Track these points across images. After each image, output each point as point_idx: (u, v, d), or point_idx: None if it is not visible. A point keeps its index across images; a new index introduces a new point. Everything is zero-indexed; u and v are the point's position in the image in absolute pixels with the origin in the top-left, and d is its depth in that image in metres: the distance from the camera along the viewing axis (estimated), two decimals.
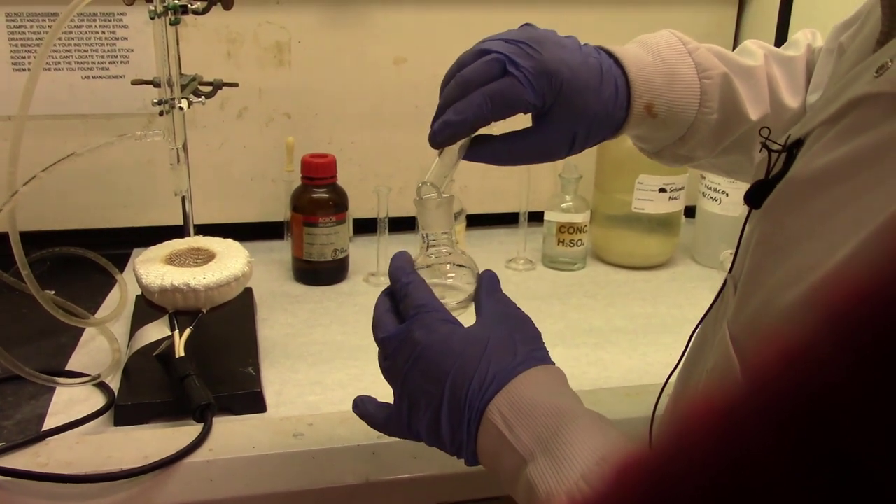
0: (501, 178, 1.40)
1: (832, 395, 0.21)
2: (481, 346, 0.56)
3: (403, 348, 0.58)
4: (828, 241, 0.42)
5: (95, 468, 0.75)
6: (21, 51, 1.19)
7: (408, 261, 0.64)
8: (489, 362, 0.55)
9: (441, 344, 0.56)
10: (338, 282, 1.23)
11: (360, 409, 0.64)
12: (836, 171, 0.44)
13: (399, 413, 0.59)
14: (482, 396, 0.54)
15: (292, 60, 1.29)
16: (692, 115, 0.68)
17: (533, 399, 0.53)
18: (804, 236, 0.45)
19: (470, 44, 1.36)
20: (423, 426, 0.58)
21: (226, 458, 0.79)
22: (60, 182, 1.23)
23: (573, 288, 1.25)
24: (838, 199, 0.43)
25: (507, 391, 0.54)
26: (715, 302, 0.58)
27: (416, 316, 0.58)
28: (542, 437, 0.51)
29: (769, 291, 0.46)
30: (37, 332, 1.02)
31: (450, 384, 0.55)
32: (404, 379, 0.58)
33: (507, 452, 0.53)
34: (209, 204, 1.29)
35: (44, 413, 0.86)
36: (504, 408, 0.53)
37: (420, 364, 0.57)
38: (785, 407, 0.22)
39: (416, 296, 0.59)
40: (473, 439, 0.55)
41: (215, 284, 0.89)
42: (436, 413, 0.56)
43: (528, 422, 0.52)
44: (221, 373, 0.91)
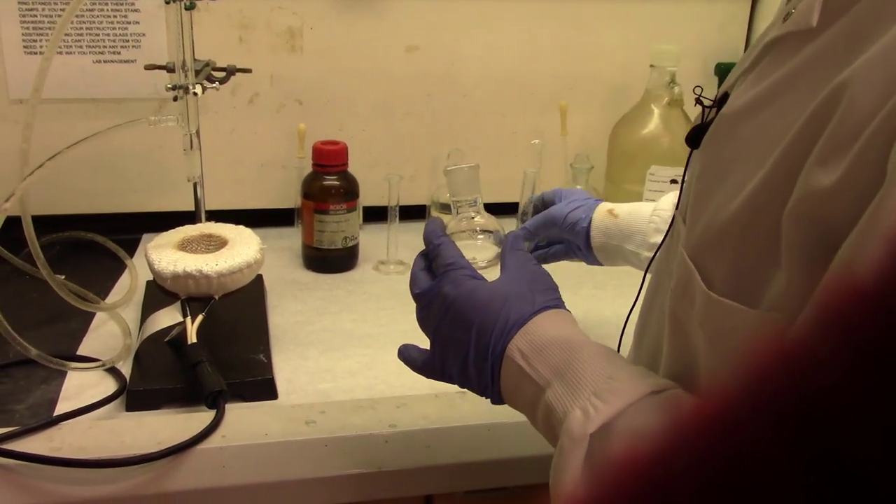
0: (512, 169, 1.40)
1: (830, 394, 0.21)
2: (502, 297, 0.63)
3: (435, 302, 0.65)
4: (756, 159, 0.49)
5: (109, 453, 0.75)
6: (33, 34, 1.19)
7: (440, 225, 0.71)
8: (509, 311, 0.62)
9: (467, 297, 0.63)
10: (348, 269, 1.22)
11: (403, 354, 0.71)
12: (758, 103, 0.52)
13: (433, 358, 0.67)
14: (503, 340, 0.61)
15: (304, 47, 1.29)
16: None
17: (547, 336, 0.60)
18: (737, 159, 0.52)
19: (481, 33, 1.36)
20: (454, 370, 0.65)
21: (238, 445, 0.78)
22: (70, 167, 1.23)
23: (583, 279, 1.24)
24: (762, 124, 0.51)
25: (523, 331, 0.61)
26: (665, 238, 0.67)
27: (445, 273, 0.66)
28: (556, 366, 0.58)
29: (714, 210, 0.53)
30: (47, 316, 1.02)
31: (475, 332, 0.62)
32: (436, 329, 0.65)
33: (526, 384, 0.59)
34: (219, 190, 1.29)
35: (55, 397, 0.86)
36: (522, 345, 0.60)
37: (449, 315, 0.64)
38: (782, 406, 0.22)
39: (446, 255, 0.67)
40: (497, 379, 0.62)
41: (228, 271, 0.89)
42: (464, 359, 0.63)
43: (544, 355, 0.59)
44: (233, 359, 0.91)
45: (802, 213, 0.44)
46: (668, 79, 1.26)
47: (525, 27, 1.35)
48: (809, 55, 0.49)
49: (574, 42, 1.38)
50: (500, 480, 0.84)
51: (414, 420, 0.83)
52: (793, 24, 0.51)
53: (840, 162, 0.42)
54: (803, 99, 0.47)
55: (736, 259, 0.50)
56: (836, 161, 0.42)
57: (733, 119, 0.55)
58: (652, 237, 0.91)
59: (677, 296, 0.58)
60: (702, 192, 0.57)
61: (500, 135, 1.41)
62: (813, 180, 0.43)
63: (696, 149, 0.61)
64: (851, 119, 0.42)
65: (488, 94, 1.38)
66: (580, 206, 0.96)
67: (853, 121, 0.42)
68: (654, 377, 0.57)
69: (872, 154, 0.40)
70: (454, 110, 1.38)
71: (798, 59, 0.49)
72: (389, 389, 0.90)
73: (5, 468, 0.73)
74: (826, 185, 0.42)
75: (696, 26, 1.41)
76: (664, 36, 1.33)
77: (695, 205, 0.57)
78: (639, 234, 0.92)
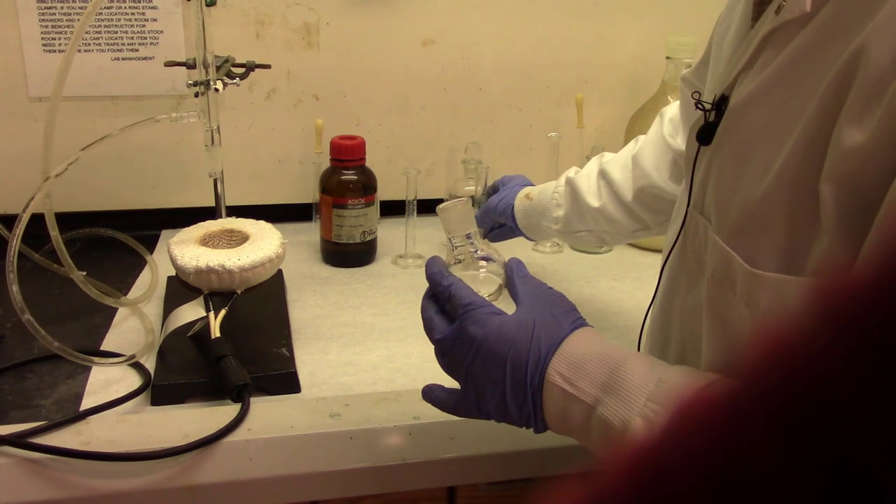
0: (529, 162, 1.40)
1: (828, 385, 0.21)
2: (529, 327, 0.62)
3: (461, 344, 0.64)
4: (777, 138, 0.53)
5: (137, 447, 0.76)
6: (52, 32, 1.19)
7: (442, 265, 0.70)
8: (539, 339, 0.62)
9: (495, 335, 0.62)
10: (366, 264, 1.23)
11: (429, 396, 0.69)
12: (766, 88, 0.55)
13: (467, 399, 0.65)
14: (540, 368, 0.61)
15: (321, 42, 1.29)
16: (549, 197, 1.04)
17: (585, 354, 0.60)
18: (756, 143, 0.55)
19: (497, 26, 1.36)
20: (491, 407, 0.64)
21: (264, 438, 0.79)
22: (90, 164, 1.24)
23: (601, 271, 1.25)
24: (775, 106, 0.54)
25: (559, 355, 0.61)
26: (679, 234, 0.68)
27: (465, 314, 0.64)
28: (601, 381, 0.58)
29: (743, 194, 0.56)
30: (70, 312, 1.03)
31: (510, 367, 0.61)
32: (467, 371, 0.64)
33: (573, 405, 0.59)
34: (238, 186, 1.30)
35: (81, 392, 0.87)
36: (561, 368, 0.60)
37: (480, 356, 0.63)
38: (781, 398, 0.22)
39: (460, 295, 0.65)
40: (540, 408, 0.62)
41: (250, 266, 0.90)
42: (501, 395, 0.62)
43: (585, 373, 0.59)
44: (255, 353, 0.91)
45: (839, 175, 0.47)
46: (685, 70, 1.26)
47: (541, 20, 1.35)
48: (811, 35, 0.52)
49: (590, 34, 1.38)
50: (524, 471, 0.84)
51: (437, 412, 0.82)
52: (788, 13, 0.54)
53: (871, 119, 0.45)
54: (815, 74, 0.50)
55: (777, 233, 0.53)
56: (867, 119, 0.45)
57: (743, 109, 0.58)
58: (554, 212, 1.05)
59: (716, 283, 0.59)
60: (726, 181, 0.59)
61: (516, 128, 1.41)
62: (846, 141, 0.46)
63: (707, 145, 0.63)
64: (874, 78, 0.45)
65: (504, 88, 1.38)
66: (506, 195, 1.10)
67: (876, 79, 0.45)
68: (699, 373, 0.58)
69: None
70: (470, 104, 1.38)
71: (798, 41, 0.53)
72: (411, 382, 0.91)
73: (36, 462, 0.74)
74: (860, 141, 0.46)
75: (712, 18, 1.41)
76: (680, 27, 1.33)
77: (722, 196, 0.60)
78: (547, 211, 1.05)
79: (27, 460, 0.74)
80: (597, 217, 1.01)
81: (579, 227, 1.04)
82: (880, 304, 0.21)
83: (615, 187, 1.00)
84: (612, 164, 1.02)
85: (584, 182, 1.02)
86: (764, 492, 0.21)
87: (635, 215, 1.00)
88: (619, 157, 1.03)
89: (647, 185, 0.97)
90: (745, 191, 0.56)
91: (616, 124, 1.38)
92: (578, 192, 1.02)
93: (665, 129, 0.98)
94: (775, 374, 0.22)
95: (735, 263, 0.56)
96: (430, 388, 0.70)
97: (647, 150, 0.99)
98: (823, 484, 0.20)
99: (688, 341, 0.68)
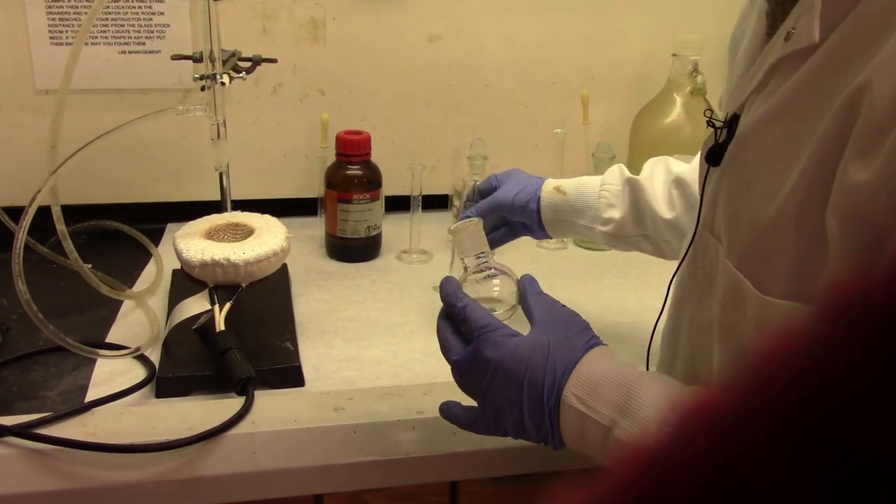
0: (534, 159, 1.40)
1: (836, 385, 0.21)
2: (544, 349, 0.64)
3: (477, 366, 0.65)
4: (784, 165, 0.54)
5: (142, 438, 0.76)
6: (59, 25, 1.20)
7: (456, 285, 0.71)
8: (555, 360, 0.63)
9: (511, 357, 0.64)
10: (371, 259, 1.23)
11: (447, 413, 0.72)
12: (774, 114, 0.57)
13: (485, 417, 0.67)
14: (556, 389, 0.62)
15: (327, 37, 1.29)
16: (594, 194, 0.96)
17: (600, 375, 0.61)
18: (763, 169, 0.57)
19: (503, 22, 1.36)
20: (509, 426, 0.65)
21: (268, 431, 0.79)
22: (95, 157, 1.23)
23: (606, 268, 1.24)
24: (782, 133, 0.55)
25: (575, 375, 0.62)
26: (687, 252, 0.69)
27: (481, 337, 0.65)
28: (616, 403, 0.59)
29: (751, 215, 0.57)
30: (75, 305, 1.03)
31: (526, 388, 0.63)
32: (485, 392, 0.65)
33: (590, 426, 0.61)
34: (243, 180, 1.30)
35: (86, 384, 0.87)
36: (577, 389, 0.61)
37: (497, 377, 0.64)
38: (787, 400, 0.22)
39: (475, 317, 0.67)
40: (557, 427, 0.63)
41: (255, 259, 0.90)
42: (519, 415, 0.64)
43: (601, 395, 0.60)
44: (260, 347, 0.92)
45: (844, 210, 0.48)
46: (691, 68, 1.26)
47: (547, 16, 1.35)
48: (817, 64, 0.53)
49: (596, 31, 1.38)
50: (526, 467, 0.84)
51: None
52: (796, 42, 0.55)
53: (875, 158, 0.45)
54: (820, 105, 0.51)
55: (785, 260, 0.53)
56: (872, 157, 0.46)
57: (751, 133, 0.60)
58: (605, 212, 0.95)
59: (727, 306, 0.60)
60: (734, 205, 0.60)
61: (521, 124, 1.41)
62: (851, 178, 0.47)
63: (716, 166, 0.64)
64: (878, 117, 0.46)
65: (510, 84, 1.38)
66: (524, 188, 0.98)
67: (880, 118, 0.45)
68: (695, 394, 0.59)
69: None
70: (476, 100, 1.38)
71: (805, 69, 0.54)
72: (415, 377, 0.91)
73: (41, 453, 0.75)
74: (864, 180, 0.46)
75: (719, 15, 1.40)
76: (686, 25, 1.32)
77: (730, 218, 0.61)
78: (590, 210, 0.95)
79: (32, 451, 0.75)
80: (662, 226, 0.93)
81: (634, 233, 0.95)
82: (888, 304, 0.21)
83: (694, 202, 0.90)
84: (692, 177, 0.92)
85: (650, 186, 0.94)
86: (769, 494, 0.21)
87: None
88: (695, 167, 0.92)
89: None
90: (751, 216, 0.57)
91: (622, 121, 1.37)
92: (644, 197, 0.93)
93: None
94: (781, 377, 0.22)
95: (745, 288, 0.57)
96: (447, 405, 0.72)
97: None
98: (829, 482, 0.20)
99: (697, 353, 0.68)
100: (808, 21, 0.53)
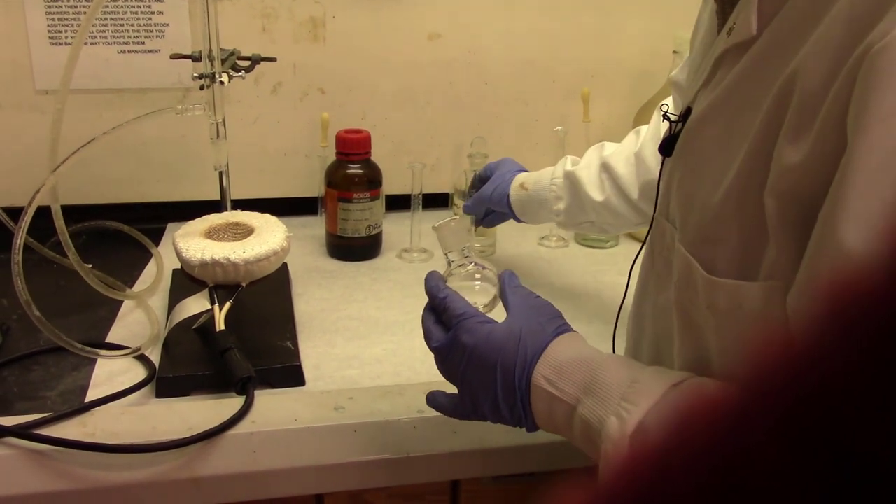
0: (534, 156, 1.39)
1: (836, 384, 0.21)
2: (516, 334, 0.66)
3: (455, 352, 0.68)
4: (728, 153, 0.57)
5: (142, 439, 0.76)
6: (58, 25, 1.19)
7: (439, 278, 0.75)
8: (526, 345, 0.65)
9: (485, 342, 0.66)
10: (372, 258, 1.23)
11: (432, 402, 0.74)
12: (718, 105, 0.61)
13: (464, 403, 0.69)
14: (527, 372, 0.65)
15: (327, 36, 1.29)
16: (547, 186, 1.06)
17: (567, 358, 0.64)
18: (710, 157, 0.61)
19: (504, 20, 1.36)
20: (486, 409, 0.68)
21: (268, 431, 0.79)
22: (95, 156, 1.24)
23: (607, 266, 1.24)
24: (725, 123, 0.59)
25: (543, 359, 0.65)
26: (646, 238, 0.74)
27: (458, 324, 0.68)
28: (582, 383, 0.62)
29: (700, 205, 0.61)
30: (75, 304, 1.03)
31: (500, 371, 0.65)
32: (462, 376, 0.68)
33: (558, 406, 0.63)
34: (243, 179, 1.30)
35: (86, 384, 0.87)
36: (546, 371, 0.64)
37: (473, 362, 0.67)
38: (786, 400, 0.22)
39: (454, 307, 0.70)
40: (529, 408, 0.65)
41: (255, 259, 0.90)
42: (494, 398, 0.66)
43: (568, 376, 0.63)
44: (260, 346, 0.92)
45: (780, 190, 0.52)
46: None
47: (547, 14, 1.35)
48: (756, 55, 0.57)
49: (597, 29, 1.38)
50: (527, 466, 0.84)
51: None
52: (737, 36, 0.59)
53: (806, 138, 0.50)
54: (759, 93, 0.55)
55: (731, 242, 0.58)
56: (803, 138, 0.50)
57: (699, 125, 0.64)
58: (555, 205, 1.06)
59: (681, 288, 0.64)
60: (685, 192, 0.64)
61: (522, 122, 1.41)
62: (785, 159, 0.51)
63: (668, 157, 0.68)
64: (806, 100, 0.50)
65: (511, 82, 1.38)
66: (498, 185, 1.11)
67: (809, 102, 0.50)
68: (671, 372, 0.62)
69: (831, 126, 0.48)
70: (476, 98, 1.38)
71: (745, 60, 0.58)
72: (416, 376, 0.91)
73: (40, 453, 0.75)
74: (797, 160, 0.50)
75: None
76: (687, 22, 1.32)
77: (682, 204, 0.65)
78: (546, 202, 1.07)
79: (32, 451, 0.75)
80: (600, 210, 1.02)
81: (581, 219, 1.06)
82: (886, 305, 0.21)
83: (620, 182, 1.01)
84: (616, 158, 1.02)
85: (585, 174, 1.03)
86: (768, 494, 0.21)
87: (640, 210, 1.00)
88: (622, 150, 1.03)
89: (651, 180, 0.97)
90: (701, 202, 0.61)
91: (623, 119, 1.37)
92: (579, 184, 1.03)
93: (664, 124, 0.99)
94: (780, 378, 0.22)
95: (695, 270, 0.61)
96: (432, 394, 0.74)
97: (649, 146, 0.99)
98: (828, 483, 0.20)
99: (661, 338, 0.71)
100: (747, 15, 0.57)
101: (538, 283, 1.16)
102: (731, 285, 0.57)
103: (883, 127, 0.45)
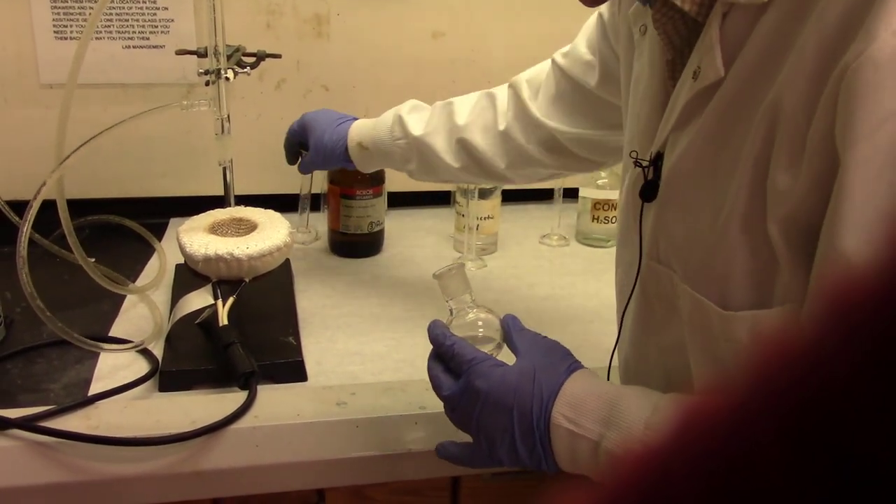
0: None
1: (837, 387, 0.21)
2: (530, 375, 0.66)
3: (468, 398, 0.67)
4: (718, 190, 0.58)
5: (145, 432, 0.76)
6: (63, 19, 1.20)
7: (443, 326, 0.74)
8: (541, 385, 0.65)
9: (499, 385, 0.66)
10: (374, 254, 1.23)
11: (444, 452, 0.73)
12: (699, 145, 0.61)
13: (480, 449, 0.68)
14: (545, 412, 0.65)
15: (331, 33, 1.29)
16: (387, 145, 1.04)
17: (584, 394, 0.64)
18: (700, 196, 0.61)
19: (507, 19, 1.36)
20: (503, 454, 0.67)
21: (271, 425, 0.80)
22: (99, 151, 1.23)
23: (607, 265, 1.23)
24: (709, 161, 0.60)
25: (560, 397, 0.65)
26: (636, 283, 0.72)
27: (469, 369, 0.68)
28: (602, 418, 0.62)
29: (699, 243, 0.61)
30: (78, 298, 1.04)
31: (517, 414, 0.65)
32: (478, 422, 0.67)
33: (580, 443, 0.63)
34: (246, 175, 1.30)
35: (89, 377, 0.88)
36: (564, 410, 0.64)
37: (488, 406, 0.66)
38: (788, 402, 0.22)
39: (463, 353, 0.69)
40: (549, 449, 0.65)
41: (258, 254, 0.90)
42: (511, 441, 0.66)
43: (587, 412, 0.63)
44: (263, 342, 0.92)
45: (781, 216, 0.53)
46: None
47: (550, 13, 1.35)
48: (728, 93, 0.58)
49: None
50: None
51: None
52: (705, 79, 0.59)
53: (797, 163, 0.51)
54: (741, 126, 0.56)
55: (741, 274, 0.58)
56: (794, 164, 0.52)
57: (681, 166, 0.63)
58: (403, 166, 1.05)
59: (694, 327, 0.64)
60: (679, 234, 0.65)
61: None
62: (780, 185, 0.53)
63: (649, 202, 0.68)
64: (792, 127, 0.52)
65: None
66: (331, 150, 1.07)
67: (794, 128, 0.51)
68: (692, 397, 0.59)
69: (819, 147, 0.50)
70: None
71: (718, 100, 0.59)
72: (417, 372, 0.91)
73: (44, 446, 0.75)
74: (792, 185, 0.52)
75: None
76: None
77: (679, 246, 0.65)
78: (392, 159, 1.05)
79: (36, 443, 0.75)
80: (456, 173, 1.02)
81: (436, 178, 1.05)
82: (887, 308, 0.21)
83: (479, 156, 0.99)
84: (471, 131, 1.00)
85: (435, 142, 1.01)
86: (769, 496, 0.21)
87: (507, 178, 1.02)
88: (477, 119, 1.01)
89: (522, 155, 0.98)
90: (699, 241, 0.61)
91: None
92: (433, 153, 1.01)
93: (533, 106, 0.99)
94: (781, 381, 0.22)
95: (708, 308, 0.60)
96: (443, 445, 0.73)
97: (515, 126, 0.98)
98: (829, 485, 0.20)
99: (672, 373, 0.70)
100: (711, 59, 0.58)
101: (538, 282, 1.16)
102: (748, 316, 0.58)
103: (870, 141, 0.47)
